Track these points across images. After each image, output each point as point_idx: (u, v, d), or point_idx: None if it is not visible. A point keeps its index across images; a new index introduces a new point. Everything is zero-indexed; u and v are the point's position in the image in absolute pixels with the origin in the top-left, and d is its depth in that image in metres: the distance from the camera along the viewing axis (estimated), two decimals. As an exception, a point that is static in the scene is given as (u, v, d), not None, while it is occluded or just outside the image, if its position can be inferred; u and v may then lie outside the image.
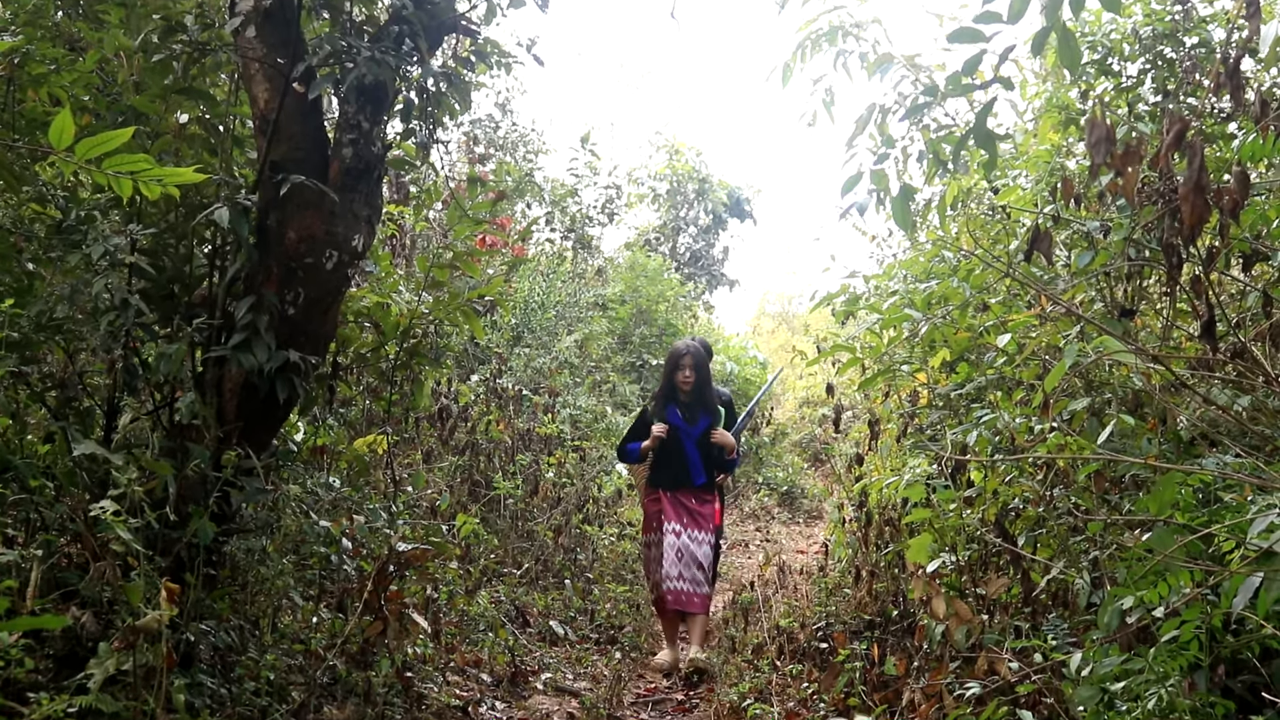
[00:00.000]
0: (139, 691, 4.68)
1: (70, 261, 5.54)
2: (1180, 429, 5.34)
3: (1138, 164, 4.58)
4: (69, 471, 5.36)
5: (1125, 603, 4.07)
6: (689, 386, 9.57)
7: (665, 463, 9.61)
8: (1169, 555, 3.78)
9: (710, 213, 27.43)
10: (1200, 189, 4.18)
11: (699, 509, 9.57)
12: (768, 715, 7.33)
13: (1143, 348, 4.66)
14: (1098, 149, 4.54)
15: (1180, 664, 4.00)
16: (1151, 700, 3.89)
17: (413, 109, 6.34)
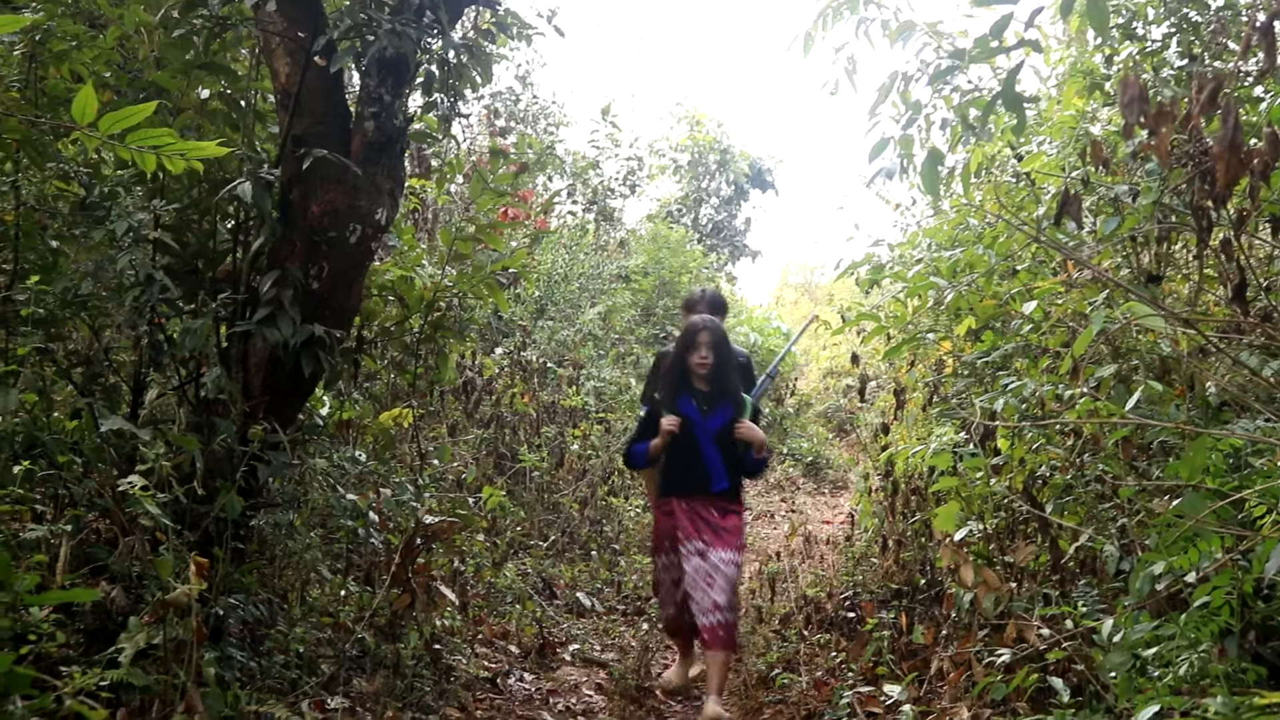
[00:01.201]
0: (169, 665, 4.69)
1: (94, 238, 5.54)
2: (1208, 394, 5.32)
3: (1171, 124, 4.55)
4: (96, 447, 5.37)
5: (1156, 569, 4.05)
6: (706, 371, 7.55)
7: (677, 465, 7.59)
8: (1200, 521, 3.76)
9: (732, 184, 27.36)
10: (1235, 147, 4.14)
11: (721, 522, 7.48)
12: (796, 684, 7.34)
13: (1172, 311, 4.63)
14: (1131, 109, 4.50)
15: (1211, 630, 3.98)
16: (1183, 666, 3.87)
17: (434, 81, 6.32)
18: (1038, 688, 5.22)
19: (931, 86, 5.73)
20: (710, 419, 7.55)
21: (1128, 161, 5.99)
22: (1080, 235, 6.18)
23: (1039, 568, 6.20)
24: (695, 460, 7.52)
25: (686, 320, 8.17)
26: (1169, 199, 5.24)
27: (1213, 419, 5.20)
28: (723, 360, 7.62)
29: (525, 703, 7.51)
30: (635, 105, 47.84)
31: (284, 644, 5.99)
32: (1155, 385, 5.13)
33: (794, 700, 7.15)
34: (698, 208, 27.06)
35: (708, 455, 7.53)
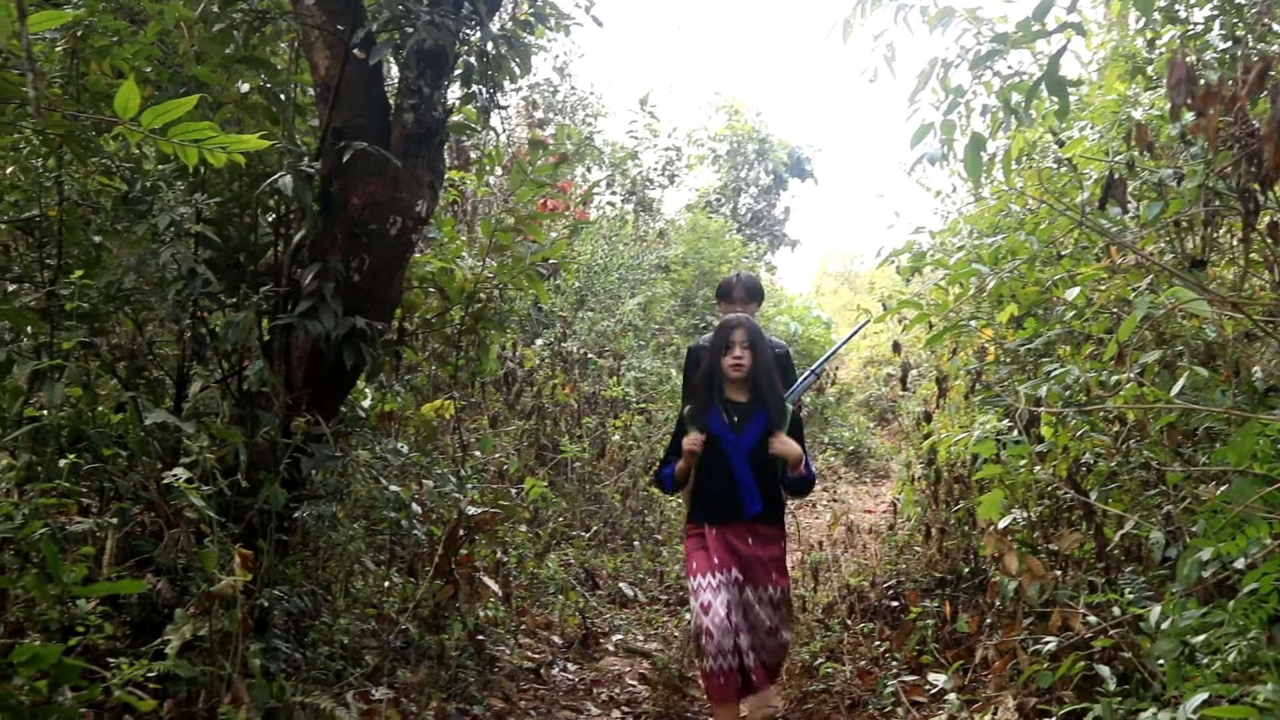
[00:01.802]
0: (215, 656, 4.71)
1: (137, 232, 5.57)
2: (1255, 379, 5.27)
3: (1218, 105, 4.51)
4: (141, 441, 5.39)
5: (1204, 555, 4.02)
6: (741, 374, 6.49)
7: (707, 487, 6.50)
8: (1248, 506, 3.73)
9: (771, 173, 27.31)
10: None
11: (757, 552, 6.41)
12: (840, 673, 7.32)
13: (1218, 294, 4.60)
14: (1178, 90, 4.47)
15: (1260, 617, 3.94)
16: (1231, 654, 3.84)
17: (473, 73, 6.32)
18: (1084, 676, 5.19)
19: (972, 72, 5.70)
20: (744, 434, 6.44)
21: (1171, 145, 5.94)
22: (1123, 220, 6.14)
23: (1084, 555, 6.17)
24: (727, 482, 6.39)
25: (721, 310, 8.02)
26: (1214, 182, 5.19)
27: (1259, 404, 5.16)
28: (760, 364, 6.59)
29: (569, 693, 7.53)
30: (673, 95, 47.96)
31: (328, 635, 6.02)
32: (1200, 371, 5.09)
33: (838, 689, 7.14)
34: (736, 197, 27.02)
35: (740, 476, 6.40)
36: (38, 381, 5.09)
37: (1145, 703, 4.47)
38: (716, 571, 6.24)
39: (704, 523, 6.44)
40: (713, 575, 6.25)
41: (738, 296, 8.03)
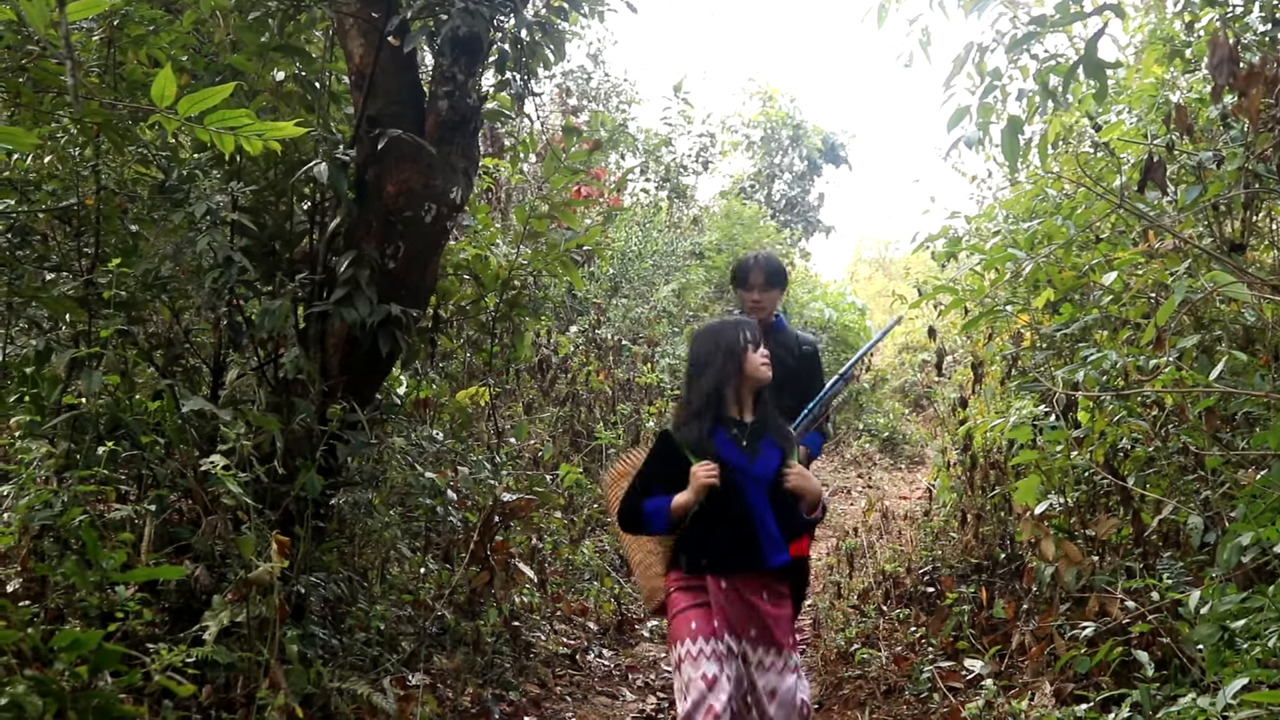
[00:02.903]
0: (253, 642, 4.73)
1: (173, 221, 5.59)
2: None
3: (1261, 85, 4.48)
4: (178, 428, 5.43)
5: (1243, 540, 4.00)
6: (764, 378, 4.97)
7: (716, 528, 4.78)
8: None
9: (805, 159, 27.23)
10: (1323, 107, 4.08)
11: (774, 611, 4.82)
12: (875, 659, 7.32)
13: (1259, 277, 4.57)
14: (1220, 70, 4.44)
15: (1300, 602, 3.93)
16: (1272, 639, 3.82)
17: (507, 60, 6.32)
18: (1121, 661, 5.18)
19: (1008, 56, 5.67)
20: (758, 461, 4.87)
21: (1211, 128, 5.91)
22: (1161, 205, 6.11)
23: (1121, 541, 6.15)
24: (743, 521, 4.80)
25: (738, 298, 6.67)
26: (1254, 165, 5.16)
27: (1299, 389, 5.13)
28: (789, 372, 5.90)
29: (604, 679, 7.55)
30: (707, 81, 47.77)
31: (365, 621, 6.04)
32: (1239, 355, 5.07)
33: (874, 675, 7.14)
34: (770, 183, 26.96)
35: (759, 514, 4.83)
36: (76, 369, 5.12)
37: (1184, 688, 4.46)
38: (722, 637, 4.68)
39: (709, 573, 4.74)
40: (717, 642, 4.66)
41: (755, 282, 6.44)
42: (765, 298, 6.49)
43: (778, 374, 5.36)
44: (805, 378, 6.37)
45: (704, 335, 5.02)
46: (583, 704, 7.03)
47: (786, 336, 6.57)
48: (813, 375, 6.50)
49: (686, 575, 4.77)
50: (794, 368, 6.34)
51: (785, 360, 6.16)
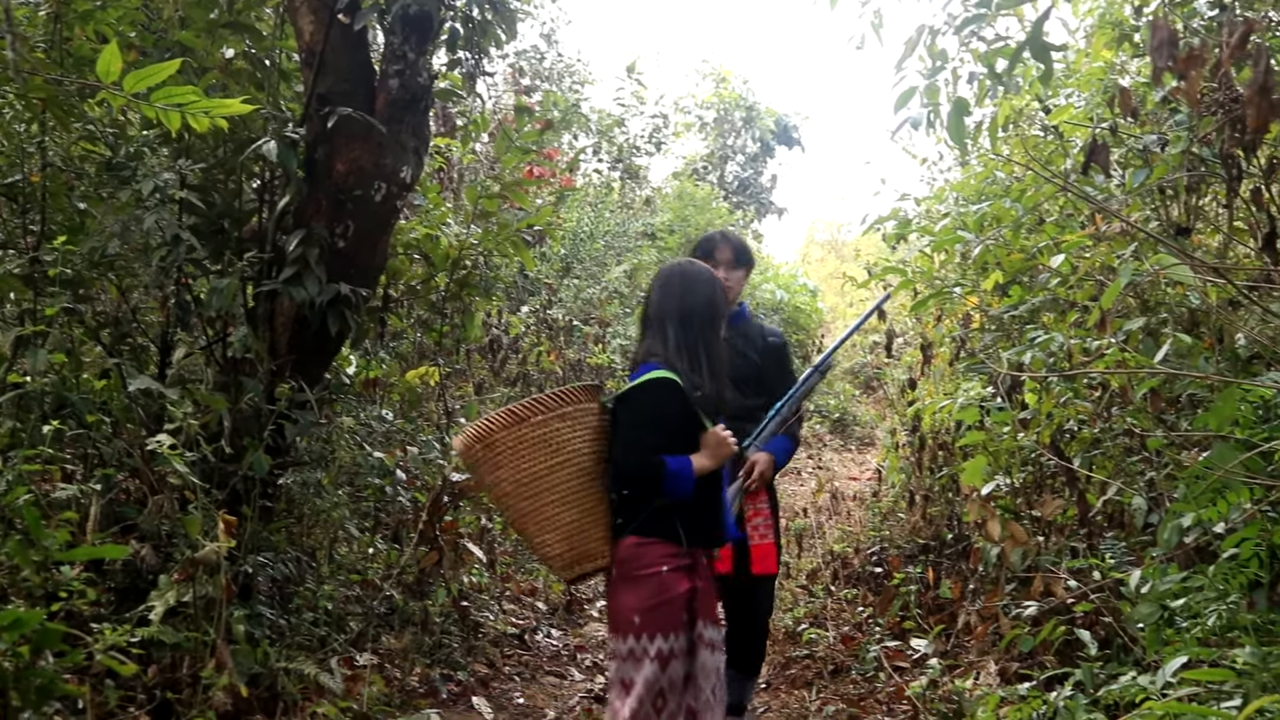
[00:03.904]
0: (199, 622, 4.72)
1: (121, 198, 5.56)
2: (1238, 346, 5.29)
3: (1200, 68, 4.51)
4: (125, 407, 5.40)
5: (1185, 521, 4.04)
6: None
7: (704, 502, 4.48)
8: (1228, 472, 3.75)
9: (758, 140, 27.23)
10: (1265, 91, 4.10)
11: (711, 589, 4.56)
12: (823, 639, 7.37)
13: (1201, 261, 4.61)
14: (1160, 53, 4.46)
15: (1240, 582, 3.97)
16: (1211, 618, 3.87)
17: (458, 38, 6.30)
18: (1065, 641, 5.23)
19: (958, 38, 5.69)
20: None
21: (1158, 112, 5.95)
22: (1109, 188, 6.15)
23: (1066, 521, 6.20)
24: (715, 493, 4.57)
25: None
26: (1198, 149, 5.20)
27: (1242, 371, 5.17)
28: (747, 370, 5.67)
29: (553, 659, 7.57)
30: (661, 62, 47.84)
31: (313, 601, 6.04)
32: (1184, 338, 5.11)
33: (821, 655, 7.19)
34: (723, 165, 26.94)
35: (724, 487, 4.67)
36: (21, 348, 5.09)
37: (1126, 667, 4.50)
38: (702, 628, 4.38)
39: (698, 546, 4.44)
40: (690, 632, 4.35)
41: (722, 258, 5.76)
42: (732, 277, 5.76)
43: (741, 371, 5.38)
44: (773, 375, 5.83)
45: (695, 279, 4.57)
46: (531, 684, 7.05)
47: (750, 328, 5.96)
48: (781, 372, 5.89)
49: (679, 551, 4.32)
50: (758, 364, 5.82)
51: (748, 355, 5.79)
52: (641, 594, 4.26)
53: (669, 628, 4.25)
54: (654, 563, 4.27)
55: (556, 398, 4.22)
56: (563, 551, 4.33)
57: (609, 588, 4.42)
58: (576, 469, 4.27)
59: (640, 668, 4.20)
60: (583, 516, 4.30)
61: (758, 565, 5.40)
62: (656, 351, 4.38)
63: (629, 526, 4.31)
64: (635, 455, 4.27)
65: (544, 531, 4.31)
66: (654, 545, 4.30)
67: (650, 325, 4.50)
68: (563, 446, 4.25)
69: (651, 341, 4.44)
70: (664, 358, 4.35)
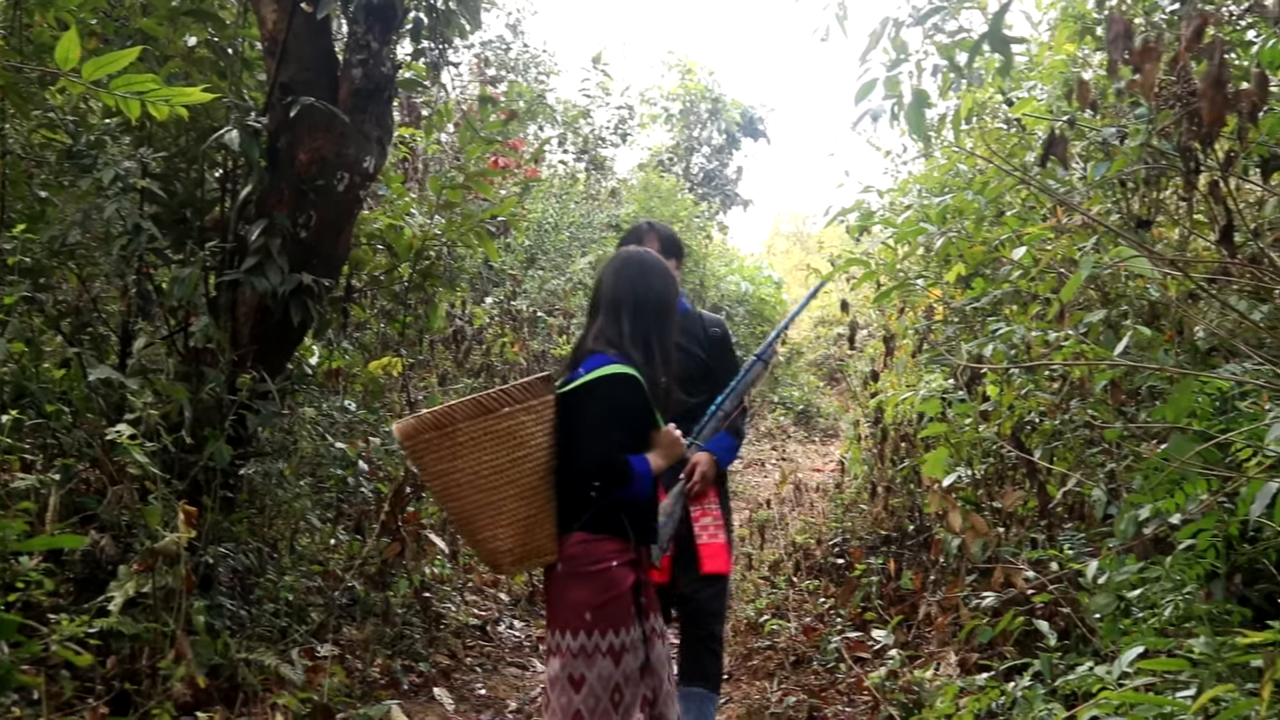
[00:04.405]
0: (159, 613, 4.72)
1: (82, 187, 5.53)
2: (1197, 339, 5.32)
3: (1156, 61, 4.53)
4: (85, 397, 5.38)
5: (1142, 512, 4.07)
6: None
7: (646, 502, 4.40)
8: (1185, 463, 3.78)
9: (724, 132, 27.27)
10: (1220, 84, 4.13)
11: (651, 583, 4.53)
12: (785, 630, 7.38)
13: (1159, 254, 4.64)
14: (1116, 45, 4.48)
15: (1197, 572, 3.99)
16: (1168, 609, 3.89)
17: (422, 28, 6.30)
18: (1025, 631, 5.25)
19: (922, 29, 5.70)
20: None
21: (1119, 105, 5.98)
22: (1071, 181, 6.17)
23: (1027, 513, 6.22)
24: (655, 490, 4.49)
25: None
26: (1157, 141, 5.23)
27: (1201, 363, 5.20)
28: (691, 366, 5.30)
29: (515, 649, 7.57)
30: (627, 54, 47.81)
31: (274, 592, 6.02)
32: (1144, 330, 5.13)
33: (783, 646, 7.20)
34: (689, 156, 26.97)
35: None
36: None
37: (1085, 657, 4.53)
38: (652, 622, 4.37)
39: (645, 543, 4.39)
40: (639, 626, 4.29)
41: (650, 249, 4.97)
42: None
43: (685, 368, 5.05)
44: (720, 368, 5.39)
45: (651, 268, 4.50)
46: (493, 675, 7.05)
47: (690, 321, 5.51)
48: (727, 364, 5.45)
49: (626, 546, 4.26)
50: (704, 359, 5.44)
51: (692, 350, 5.39)
52: (591, 590, 4.20)
53: (620, 622, 4.21)
54: (603, 558, 4.21)
55: (524, 390, 4.13)
56: (513, 546, 4.21)
57: (553, 583, 4.30)
58: (536, 463, 4.18)
59: (593, 664, 4.15)
60: (537, 511, 4.20)
61: (707, 563, 5.12)
62: (611, 340, 4.29)
63: (577, 522, 4.22)
64: (603, 451, 4.18)
65: (495, 525, 4.18)
66: (603, 542, 4.22)
67: (602, 312, 4.40)
68: (526, 440, 4.14)
69: (604, 329, 4.34)
70: (619, 349, 4.26)
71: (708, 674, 5.28)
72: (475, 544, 4.28)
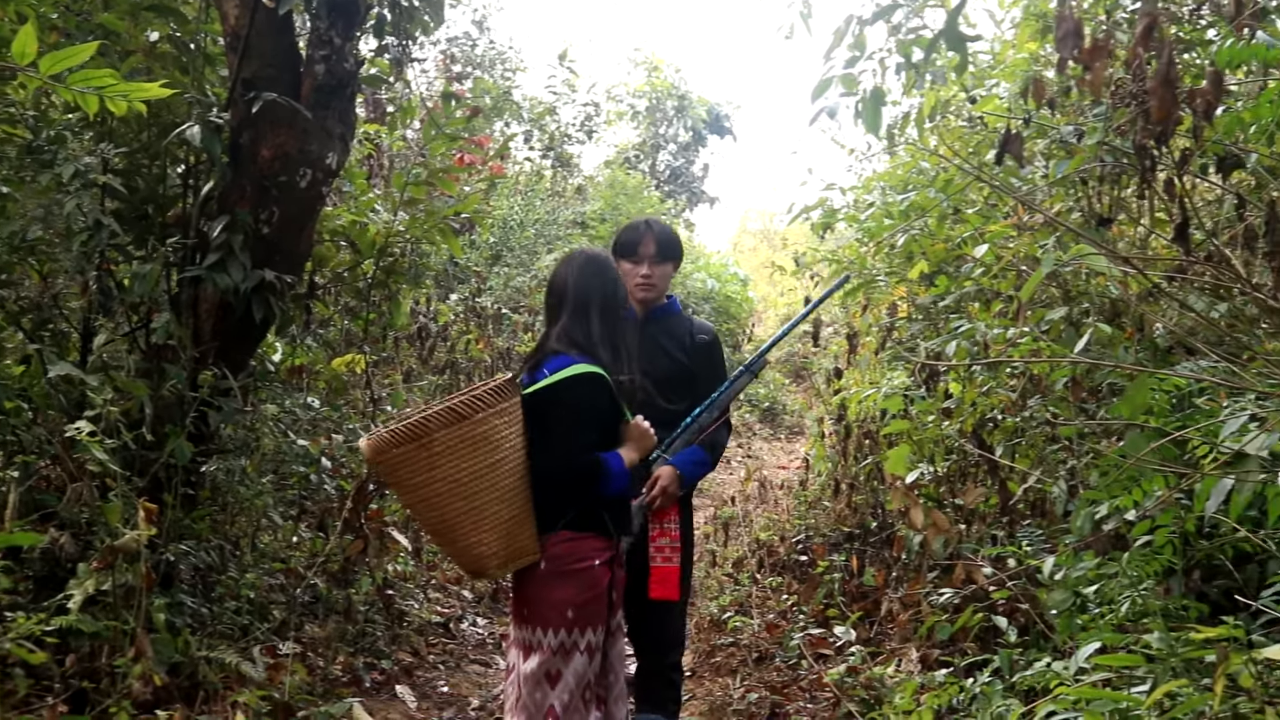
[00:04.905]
0: (119, 611, 4.69)
1: (42, 182, 5.51)
2: (1157, 337, 5.35)
3: (1105, 59, 4.56)
4: (45, 393, 5.35)
5: (1100, 509, 4.09)
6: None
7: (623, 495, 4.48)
8: (1141, 459, 3.80)
9: (690, 129, 27.30)
10: (1168, 82, 4.16)
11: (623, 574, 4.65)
12: (748, 627, 7.39)
13: (1115, 252, 4.66)
14: (1065, 43, 4.51)
15: (1154, 568, 4.02)
16: (1125, 604, 3.91)
17: (385, 24, 6.29)
18: (987, 627, 5.28)
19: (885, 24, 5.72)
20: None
21: (1079, 103, 6.00)
22: (1034, 179, 6.20)
23: (988, 510, 6.25)
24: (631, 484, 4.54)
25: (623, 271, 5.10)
26: (1114, 139, 5.25)
27: (1161, 361, 5.23)
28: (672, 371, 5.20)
29: (478, 647, 7.56)
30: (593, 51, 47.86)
31: (235, 590, 6.00)
32: (1105, 328, 5.16)
33: (746, 643, 7.21)
34: (655, 154, 27.00)
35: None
36: (-62, 333, 5.04)
37: (1044, 653, 4.55)
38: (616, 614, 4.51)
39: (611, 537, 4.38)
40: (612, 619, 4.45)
41: (646, 253, 5.23)
42: (657, 272, 5.24)
43: (665, 371, 5.06)
44: (703, 376, 5.23)
45: (609, 266, 4.53)
46: (455, 672, 7.05)
47: (677, 324, 5.37)
48: (713, 373, 5.29)
49: (608, 544, 4.34)
50: (686, 364, 5.23)
51: (673, 354, 5.24)
52: (575, 588, 4.23)
53: (598, 620, 4.27)
54: (587, 557, 4.25)
55: (495, 394, 4.11)
56: (497, 550, 4.20)
57: (533, 581, 4.27)
58: (514, 465, 4.17)
59: (570, 660, 4.19)
60: (518, 512, 4.20)
61: (655, 589, 4.95)
62: (577, 341, 4.30)
63: (561, 520, 4.24)
64: (573, 457, 4.20)
65: (479, 531, 4.16)
66: (587, 540, 4.27)
67: (567, 313, 4.38)
68: (501, 444, 4.13)
69: (569, 329, 4.34)
70: (586, 349, 4.27)
71: (663, 702, 5.21)
72: (456, 551, 4.25)
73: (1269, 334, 4.70)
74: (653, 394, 4.75)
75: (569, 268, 4.48)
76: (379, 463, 4.10)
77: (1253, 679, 2.88)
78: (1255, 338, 4.89)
